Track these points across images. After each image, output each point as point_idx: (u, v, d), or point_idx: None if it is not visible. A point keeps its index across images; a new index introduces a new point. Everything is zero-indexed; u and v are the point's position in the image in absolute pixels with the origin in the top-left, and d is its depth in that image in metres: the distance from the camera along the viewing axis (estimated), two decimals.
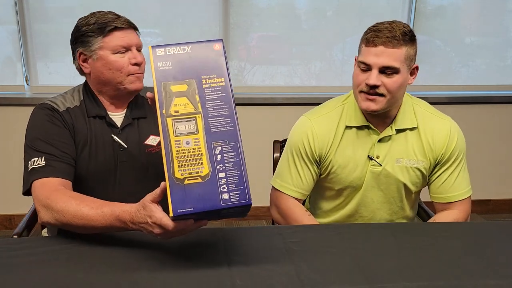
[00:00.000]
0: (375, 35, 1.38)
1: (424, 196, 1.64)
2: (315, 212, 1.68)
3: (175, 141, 0.99)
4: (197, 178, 0.99)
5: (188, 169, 0.99)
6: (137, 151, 1.44)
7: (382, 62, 1.37)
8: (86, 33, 1.39)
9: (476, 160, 3.14)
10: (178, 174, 0.98)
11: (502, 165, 3.31)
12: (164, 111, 1.02)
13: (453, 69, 3.18)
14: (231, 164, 1.01)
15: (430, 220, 1.56)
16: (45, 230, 1.57)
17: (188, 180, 0.98)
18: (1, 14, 2.75)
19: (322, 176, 1.58)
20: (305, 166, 1.55)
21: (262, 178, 2.06)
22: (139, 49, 1.44)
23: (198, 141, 1.00)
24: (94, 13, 1.42)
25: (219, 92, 1.05)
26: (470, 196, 1.55)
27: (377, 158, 1.51)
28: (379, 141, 1.51)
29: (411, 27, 3.09)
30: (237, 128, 1.03)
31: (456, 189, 1.53)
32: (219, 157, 1.01)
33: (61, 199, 1.20)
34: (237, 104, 1.35)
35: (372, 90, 1.40)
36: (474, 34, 3.15)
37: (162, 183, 1.02)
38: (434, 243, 1.25)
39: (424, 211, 1.76)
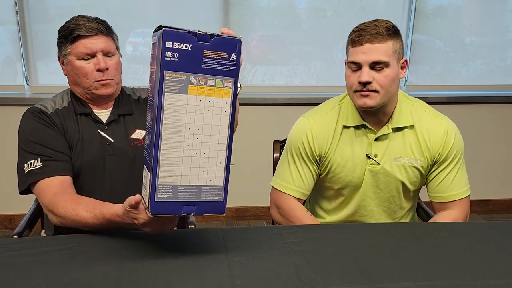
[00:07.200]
0: (360, 34, 1.41)
1: (424, 196, 1.64)
2: (316, 212, 1.69)
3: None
4: None
5: None
6: (124, 144, 1.48)
7: (370, 58, 1.39)
8: (59, 38, 1.45)
9: (476, 160, 3.14)
10: None
11: (502, 165, 3.31)
12: None
13: (453, 69, 3.18)
14: None
15: (430, 221, 1.56)
16: (44, 230, 1.58)
17: None
18: (1, 14, 2.75)
19: (321, 176, 1.59)
20: (305, 166, 1.56)
21: (262, 178, 2.06)
22: (108, 54, 1.44)
23: None
24: (74, 17, 1.44)
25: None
26: (468, 196, 1.55)
27: (375, 156, 1.51)
28: (376, 139, 1.51)
29: (411, 27, 3.12)
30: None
31: (454, 188, 1.53)
32: None
33: (60, 205, 1.28)
34: None
35: (365, 88, 1.41)
36: (474, 34, 3.15)
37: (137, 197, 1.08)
38: (434, 243, 1.25)
39: (424, 211, 1.76)
